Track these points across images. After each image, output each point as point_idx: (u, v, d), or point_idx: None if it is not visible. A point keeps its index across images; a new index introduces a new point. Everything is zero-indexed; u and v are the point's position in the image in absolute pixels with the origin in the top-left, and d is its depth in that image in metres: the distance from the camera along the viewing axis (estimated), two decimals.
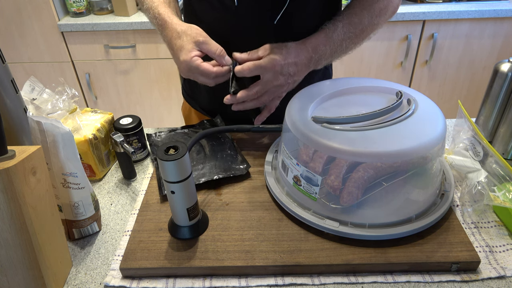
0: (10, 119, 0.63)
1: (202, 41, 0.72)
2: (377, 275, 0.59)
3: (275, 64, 0.71)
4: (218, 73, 0.73)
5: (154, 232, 0.65)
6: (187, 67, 0.72)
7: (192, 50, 0.72)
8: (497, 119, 0.83)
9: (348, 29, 0.78)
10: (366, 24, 0.79)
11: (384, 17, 0.82)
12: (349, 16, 0.79)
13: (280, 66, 0.72)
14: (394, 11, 0.84)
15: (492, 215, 0.69)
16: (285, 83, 0.74)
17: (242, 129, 0.79)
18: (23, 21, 1.88)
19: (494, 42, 1.96)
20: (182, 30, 0.74)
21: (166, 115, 2.20)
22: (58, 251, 0.59)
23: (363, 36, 0.81)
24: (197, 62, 0.72)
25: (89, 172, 0.80)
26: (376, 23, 0.81)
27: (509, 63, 0.79)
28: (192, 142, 0.68)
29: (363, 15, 0.79)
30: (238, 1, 0.77)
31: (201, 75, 0.73)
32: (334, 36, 0.77)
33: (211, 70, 0.72)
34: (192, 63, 0.71)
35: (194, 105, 1.03)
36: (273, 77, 0.72)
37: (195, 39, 0.72)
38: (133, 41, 1.94)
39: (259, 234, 0.64)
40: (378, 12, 0.80)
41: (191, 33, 0.73)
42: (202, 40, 0.72)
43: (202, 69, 0.72)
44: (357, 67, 2.04)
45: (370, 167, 0.61)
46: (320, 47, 0.76)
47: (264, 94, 0.75)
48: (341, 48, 0.79)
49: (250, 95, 0.74)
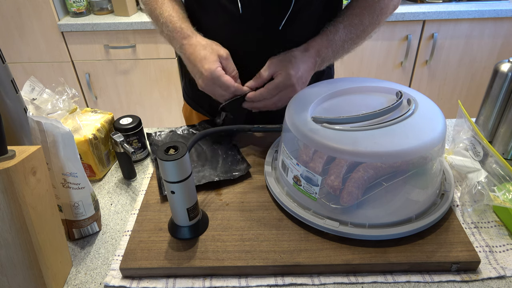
0: (10, 119, 0.63)
1: (225, 57, 0.75)
2: (377, 275, 0.59)
3: (292, 80, 0.73)
4: (238, 89, 0.75)
5: (154, 232, 0.65)
6: (210, 76, 0.73)
7: (216, 61, 0.74)
8: (497, 119, 0.83)
9: (350, 30, 0.78)
10: (367, 25, 0.80)
11: (385, 16, 0.82)
12: (350, 17, 0.79)
13: (296, 79, 0.74)
14: (394, 8, 0.85)
15: (492, 215, 0.69)
16: (299, 89, 0.77)
17: (242, 129, 0.79)
18: (23, 21, 1.88)
19: (494, 42, 1.96)
20: (207, 44, 0.76)
21: (166, 115, 2.20)
22: (58, 251, 0.59)
23: (364, 36, 0.82)
24: (221, 72, 0.73)
25: (89, 172, 0.80)
26: (377, 23, 0.82)
27: (509, 63, 0.79)
28: (192, 142, 0.68)
29: (364, 15, 0.79)
30: (243, 8, 0.77)
31: (220, 87, 0.74)
32: (336, 38, 0.77)
33: (232, 84, 0.74)
34: (216, 73, 0.72)
35: (196, 107, 1.03)
36: (291, 91, 0.75)
37: (219, 53, 0.75)
38: (133, 41, 1.94)
39: (259, 234, 0.64)
40: (379, 11, 0.80)
41: (216, 47, 0.76)
42: (225, 55, 0.75)
43: (224, 80, 0.73)
44: (357, 67, 2.04)
45: (370, 167, 0.61)
46: (322, 50, 0.77)
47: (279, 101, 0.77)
48: (342, 49, 0.80)
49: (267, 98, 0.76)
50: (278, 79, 0.74)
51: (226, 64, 0.75)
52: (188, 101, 1.05)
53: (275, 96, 0.76)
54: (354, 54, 2.00)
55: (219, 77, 0.73)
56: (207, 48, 0.75)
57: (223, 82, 0.73)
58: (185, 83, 1.06)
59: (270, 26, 0.79)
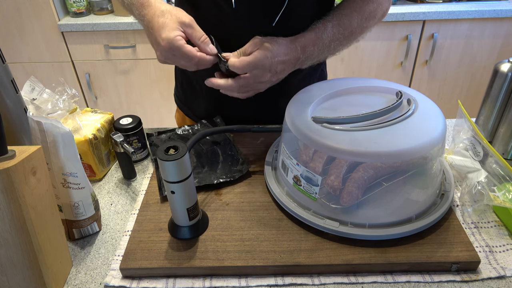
0: (10, 119, 0.63)
1: (187, 23, 0.67)
2: (377, 275, 0.59)
3: (265, 61, 0.68)
4: (201, 59, 0.68)
5: (154, 232, 0.65)
6: (168, 46, 0.65)
7: (176, 29, 0.66)
8: (497, 119, 0.83)
9: (338, 30, 0.76)
10: (355, 26, 0.78)
11: (373, 21, 0.81)
12: (339, 17, 0.77)
13: (269, 63, 0.69)
14: (383, 15, 0.83)
15: (492, 215, 0.69)
16: (269, 80, 0.72)
17: (242, 129, 0.79)
18: (23, 21, 1.88)
19: (494, 42, 1.96)
20: (167, 9, 0.68)
21: (166, 115, 2.20)
22: (58, 251, 0.59)
23: (351, 38, 0.80)
24: (181, 42, 0.66)
25: (89, 172, 0.80)
26: (365, 26, 0.80)
27: (509, 63, 0.79)
28: (192, 142, 0.68)
29: (353, 16, 0.77)
30: (236, 3, 0.76)
31: (182, 58, 0.67)
32: (323, 37, 0.75)
33: (194, 54, 0.67)
34: (175, 42, 0.65)
35: (187, 112, 1.01)
36: (260, 73, 0.70)
37: (180, 20, 0.67)
38: (133, 41, 1.94)
39: (259, 234, 0.64)
40: (368, 14, 0.79)
41: (176, 13, 0.68)
42: (188, 22, 0.67)
43: (184, 51, 0.66)
44: (357, 67, 2.04)
45: (370, 167, 0.61)
46: (309, 47, 0.74)
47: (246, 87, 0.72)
48: (328, 49, 0.77)
49: (234, 87, 0.71)
50: (254, 55, 0.68)
51: (190, 32, 0.67)
52: (180, 106, 1.03)
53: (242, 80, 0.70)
54: (354, 54, 2.00)
55: (179, 47, 0.65)
56: (166, 15, 0.67)
57: (184, 52, 0.66)
58: (176, 87, 1.03)
59: (264, 22, 0.78)
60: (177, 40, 0.65)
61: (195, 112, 1.00)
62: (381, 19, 0.84)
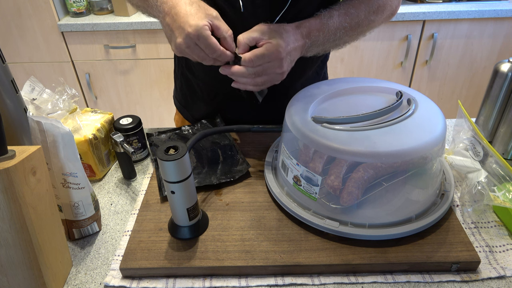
0: (10, 119, 0.63)
1: (215, 16, 0.66)
2: (377, 275, 0.59)
3: (281, 53, 0.66)
4: (223, 53, 0.67)
5: (154, 232, 0.65)
6: (195, 33, 0.63)
7: (204, 18, 0.64)
8: (497, 119, 0.83)
9: (344, 19, 0.74)
10: (362, 18, 0.76)
11: (381, 16, 0.80)
12: (346, 6, 0.76)
13: (286, 53, 0.67)
14: (392, 12, 0.82)
15: (492, 215, 0.69)
16: (286, 70, 0.70)
17: (242, 129, 0.79)
18: (23, 21, 1.88)
19: (494, 42, 1.96)
20: (195, 0, 0.67)
21: (166, 115, 2.20)
22: (58, 251, 0.59)
23: (358, 30, 0.78)
24: (208, 32, 0.64)
25: (89, 172, 0.80)
26: (373, 20, 0.78)
27: (509, 63, 0.79)
28: (192, 142, 0.68)
29: (361, 8, 0.76)
30: (244, 7, 0.74)
31: (206, 48, 0.65)
32: (329, 23, 0.73)
33: (218, 47, 0.65)
34: (203, 31, 0.63)
35: (187, 116, 1.00)
36: (278, 66, 0.68)
37: (208, 11, 0.66)
38: (133, 41, 1.94)
39: (259, 234, 0.64)
40: (376, 8, 0.78)
41: (204, 5, 0.67)
42: (215, 15, 0.66)
43: (210, 42, 0.64)
44: (357, 67, 2.04)
45: (370, 167, 0.61)
46: (313, 33, 0.72)
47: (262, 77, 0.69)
48: (334, 37, 0.75)
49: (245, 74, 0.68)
50: (266, 48, 0.66)
51: (218, 24, 0.66)
52: (180, 108, 1.02)
53: (259, 67, 0.67)
54: (354, 54, 2.00)
55: (206, 37, 0.64)
56: (194, 5, 0.66)
57: (209, 43, 0.64)
58: (176, 90, 1.02)
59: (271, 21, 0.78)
60: (206, 29, 0.64)
61: (195, 115, 0.99)
62: (390, 17, 0.82)
